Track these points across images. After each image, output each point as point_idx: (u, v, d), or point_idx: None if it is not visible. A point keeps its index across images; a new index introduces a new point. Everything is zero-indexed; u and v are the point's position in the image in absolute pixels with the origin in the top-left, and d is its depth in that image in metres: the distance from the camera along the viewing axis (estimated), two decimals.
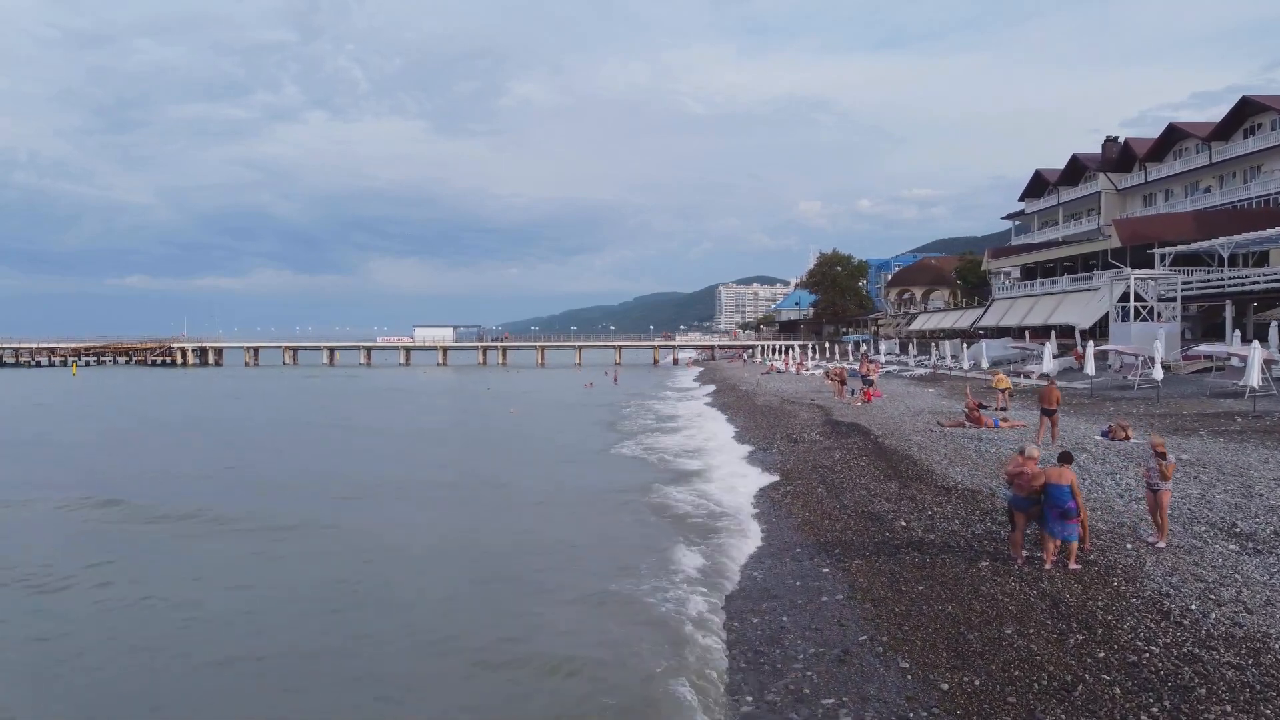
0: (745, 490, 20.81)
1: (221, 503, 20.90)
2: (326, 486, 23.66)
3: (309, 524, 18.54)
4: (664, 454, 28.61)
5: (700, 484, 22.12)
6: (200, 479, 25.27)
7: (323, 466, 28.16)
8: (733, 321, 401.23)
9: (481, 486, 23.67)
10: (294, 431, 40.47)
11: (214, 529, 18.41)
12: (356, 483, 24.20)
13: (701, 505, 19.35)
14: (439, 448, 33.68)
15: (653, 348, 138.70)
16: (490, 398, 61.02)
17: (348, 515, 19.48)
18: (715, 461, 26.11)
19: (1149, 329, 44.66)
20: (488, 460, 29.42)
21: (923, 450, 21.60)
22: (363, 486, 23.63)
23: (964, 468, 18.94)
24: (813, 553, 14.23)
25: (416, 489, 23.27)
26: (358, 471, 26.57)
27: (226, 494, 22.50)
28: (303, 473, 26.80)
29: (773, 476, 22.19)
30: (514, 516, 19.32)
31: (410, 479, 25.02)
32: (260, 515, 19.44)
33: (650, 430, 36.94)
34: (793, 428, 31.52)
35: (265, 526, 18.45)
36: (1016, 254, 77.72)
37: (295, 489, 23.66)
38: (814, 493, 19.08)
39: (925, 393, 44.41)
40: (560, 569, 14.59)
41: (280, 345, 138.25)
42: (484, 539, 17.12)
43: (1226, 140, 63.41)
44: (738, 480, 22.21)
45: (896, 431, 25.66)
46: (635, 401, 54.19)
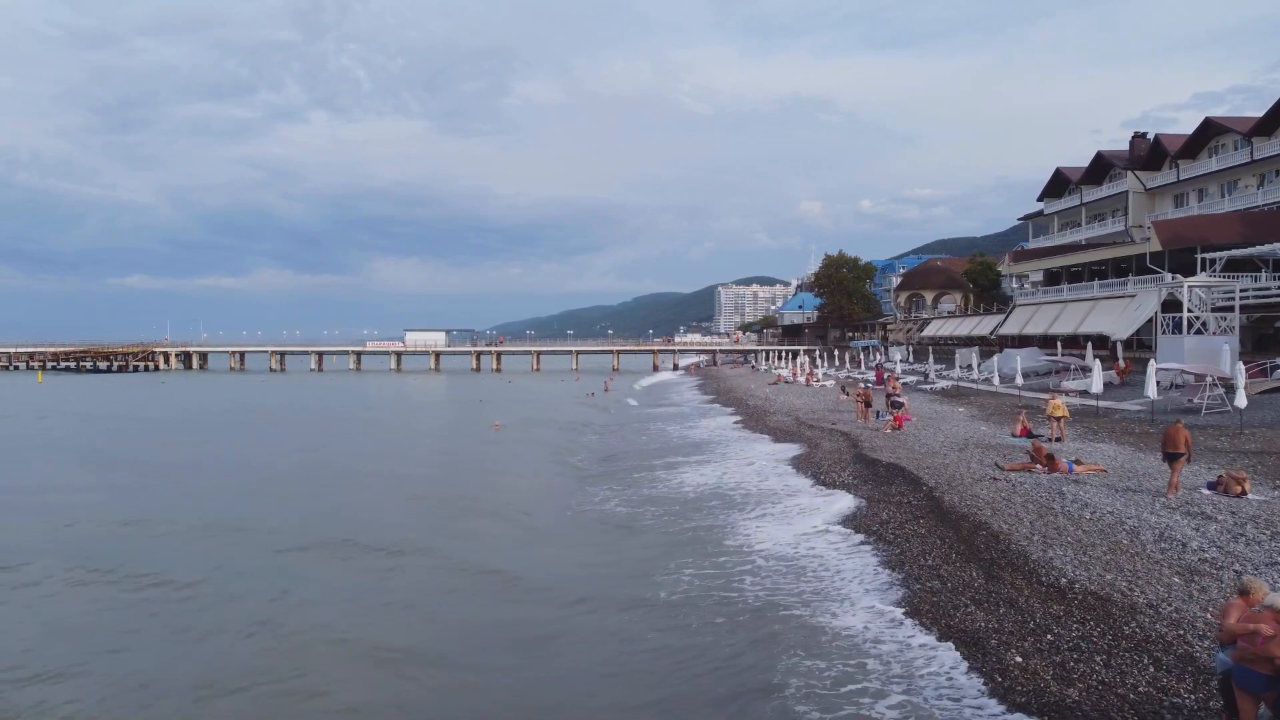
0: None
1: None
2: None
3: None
4: (668, 505, 24.08)
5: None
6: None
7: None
8: (732, 322, 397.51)
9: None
10: (202, 477, 29.43)
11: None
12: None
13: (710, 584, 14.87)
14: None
15: (652, 352, 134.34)
16: (480, 417, 56.52)
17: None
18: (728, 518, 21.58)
19: (1206, 343, 40.17)
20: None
21: (997, 513, 17.07)
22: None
23: (1067, 548, 14.39)
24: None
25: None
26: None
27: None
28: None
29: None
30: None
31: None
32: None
33: (645, 468, 32.39)
34: (818, 463, 27.02)
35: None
36: (1041, 257, 73.21)
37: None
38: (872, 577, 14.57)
39: (956, 413, 39.99)
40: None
41: (266, 349, 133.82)
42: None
43: (1270, 136, 58.93)
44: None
45: (950, 479, 21.12)
46: (635, 424, 49.72)
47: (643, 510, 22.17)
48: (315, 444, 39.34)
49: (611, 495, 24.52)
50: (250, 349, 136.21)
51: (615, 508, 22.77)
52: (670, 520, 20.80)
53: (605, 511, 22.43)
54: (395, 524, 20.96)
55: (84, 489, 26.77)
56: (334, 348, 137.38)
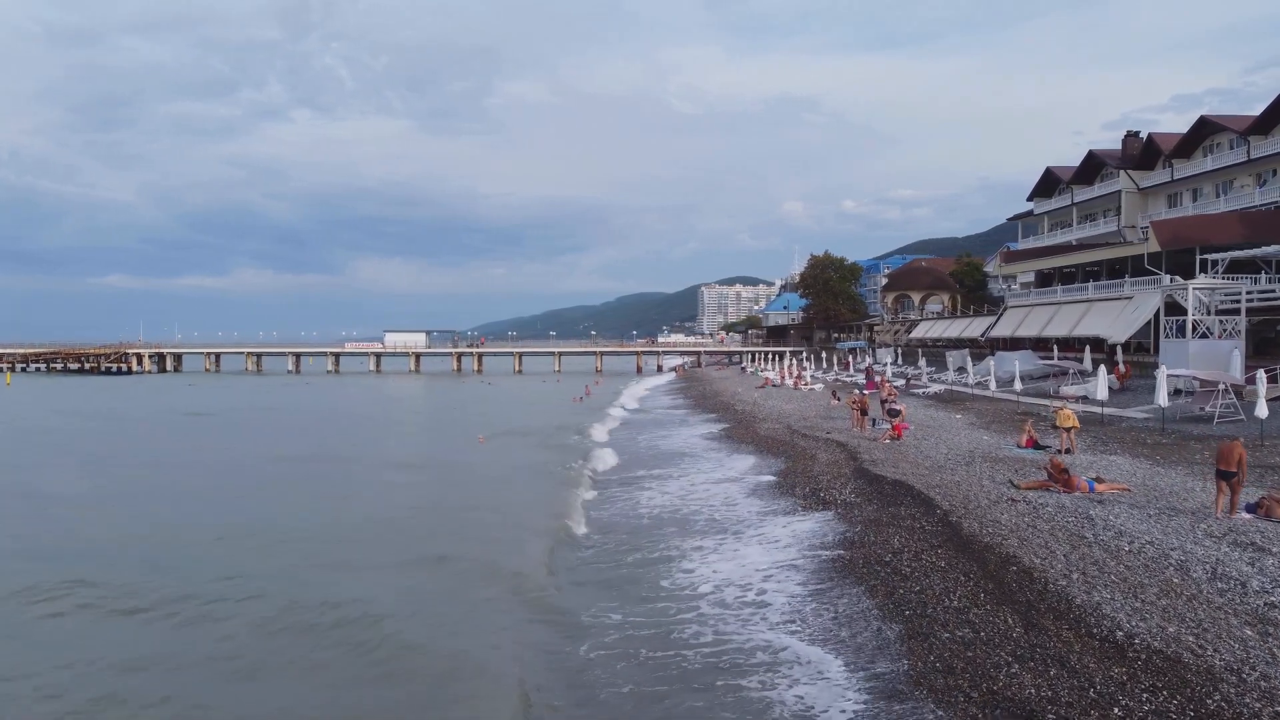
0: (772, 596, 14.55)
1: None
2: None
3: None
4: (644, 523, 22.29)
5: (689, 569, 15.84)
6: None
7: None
8: (715, 322, 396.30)
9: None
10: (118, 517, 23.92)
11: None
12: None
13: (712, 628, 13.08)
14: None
15: (635, 354, 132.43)
16: (461, 426, 54.53)
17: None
18: (714, 540, 19.81)
19: (1212, 347, 38.71)
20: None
21: (1025, 544, 15.34)
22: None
23: (1114, 589, 12.66)
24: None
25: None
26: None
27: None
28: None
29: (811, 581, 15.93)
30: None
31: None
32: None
33: (635, 482, 30.60)
34: (816, 477, 25.28)
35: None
36: (1033, 258, 71.78)
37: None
38: (881, 630, 12.80)
39: (953, 420, 38.40)
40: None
41: (242, 351, 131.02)
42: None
43: (1266, 135, 57.70)
44: (753, 575, 15.95)
45: (965, 500, 19.39)
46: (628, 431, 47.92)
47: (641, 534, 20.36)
48: (268, 474, 32.79)
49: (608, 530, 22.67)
50: (226, 350, 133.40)
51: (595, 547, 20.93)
52: (635, 543, 19.00)
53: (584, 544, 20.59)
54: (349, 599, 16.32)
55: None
56: (312, 349, 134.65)
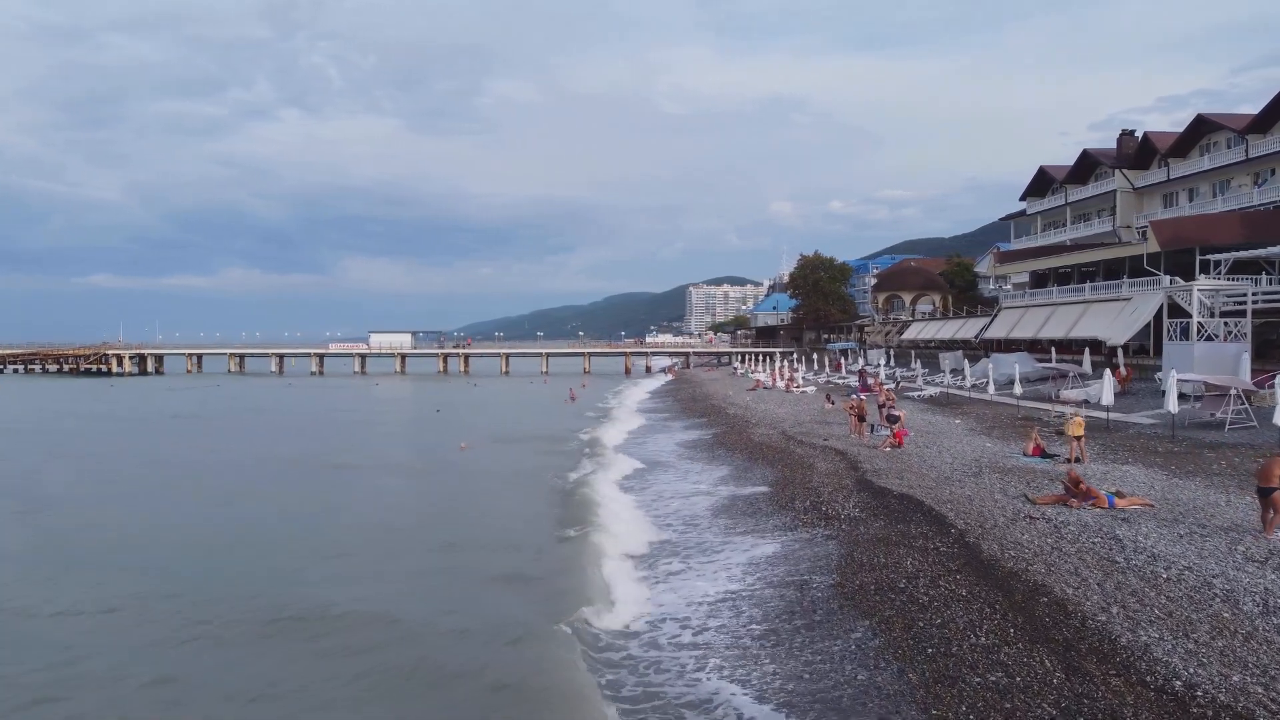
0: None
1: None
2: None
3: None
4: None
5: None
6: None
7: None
8: (703, 322, 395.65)
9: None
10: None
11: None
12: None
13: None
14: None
15: (624, 354, 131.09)
16: (442, 430, 53.12)
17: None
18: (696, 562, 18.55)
19: (1217, 350, 37.73)
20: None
21: (1053, 570, 14.12)
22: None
23: (1160, 626, 11.45)
24: None
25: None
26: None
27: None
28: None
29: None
30: None
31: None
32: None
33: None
34: (816, 489, 24.04)
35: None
36: (1028, 258, 70.74)
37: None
38: (904, 673, 11.54)
39: (952, 425, 37.25)
40: None
41: (224, 352, 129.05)
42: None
43: (1265, 134, 56.85)
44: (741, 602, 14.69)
45: (980, 517, 18.18)
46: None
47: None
48: (236, 484, 31.05)
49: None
50: (208, 351, 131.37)
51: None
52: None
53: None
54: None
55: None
56: (295, 350, 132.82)
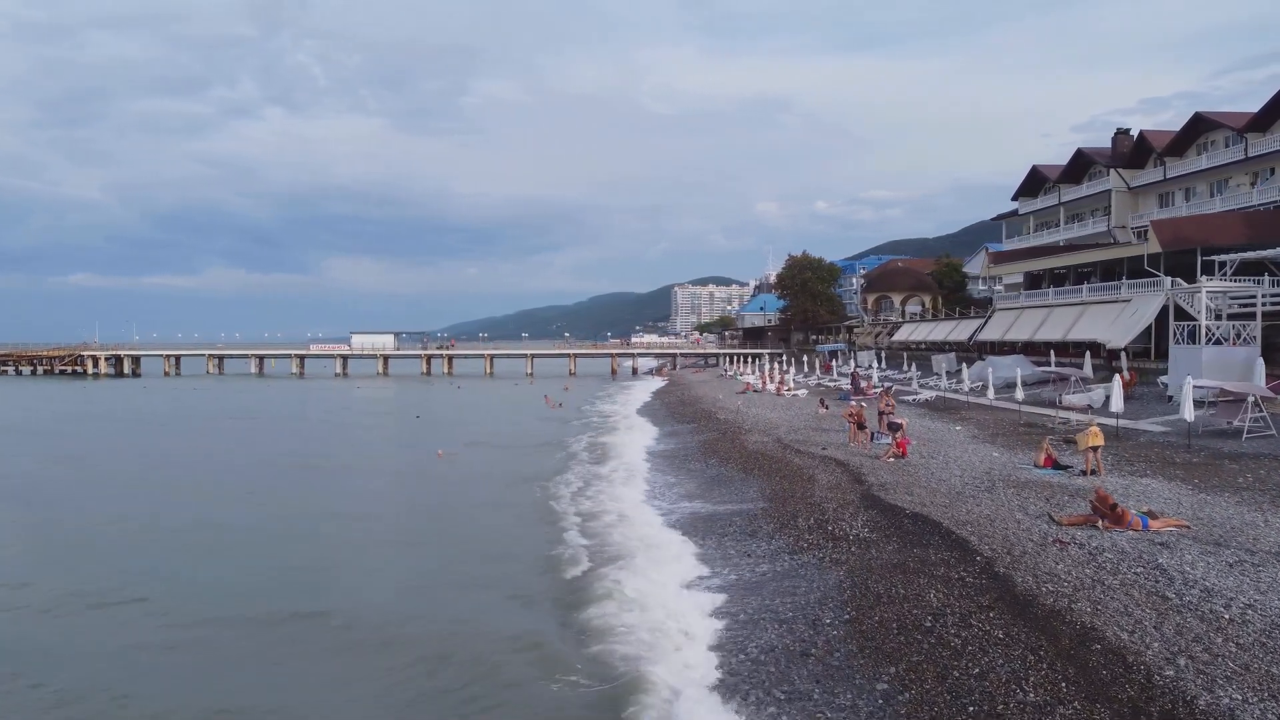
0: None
1: None
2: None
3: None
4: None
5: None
6: None
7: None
8: (688, 323, 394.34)
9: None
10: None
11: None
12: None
13: None
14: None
15: (610, 356, 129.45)
16: (422, 436, 51.38)
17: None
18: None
19: (1227, 354, 36.48)
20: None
21: (1099, 608, 12.60)
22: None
23: (1241, 684, 9.94)
24: None
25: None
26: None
27: None
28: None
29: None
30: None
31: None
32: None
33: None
34: (819, 505, 22.51)
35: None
36: (1023, 259, 69.46)
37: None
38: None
39: (953, 432, 35.83)
40: None
41: (203, 353, 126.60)
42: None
43: (1265, 132, 55.80)
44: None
45: (1004, 540, 16.67)
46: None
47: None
48: (187, 488, 30.31)
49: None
50: (186, 352, 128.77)
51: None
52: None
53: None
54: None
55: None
56: (275, 351, 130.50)
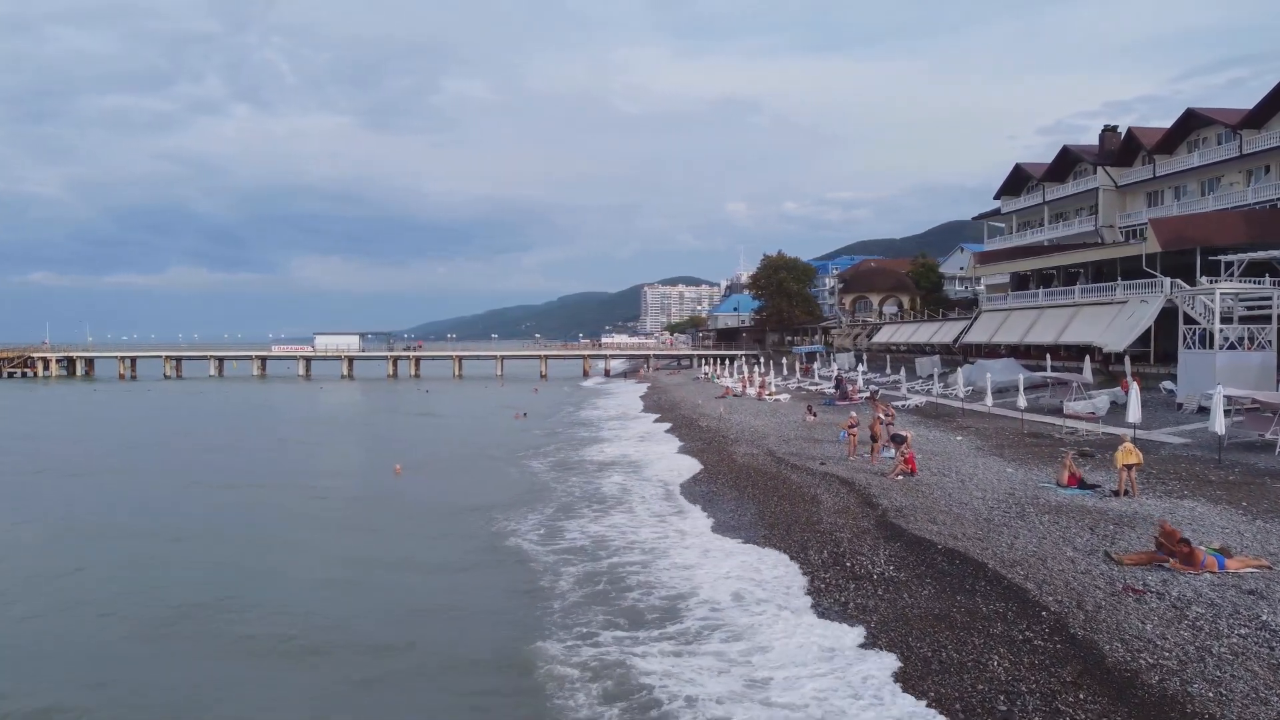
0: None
1: None
2: None
3: None
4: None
5: None
6: None
7: None
8: (658, 322, 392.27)
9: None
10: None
11: None
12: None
13: None
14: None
15: (582, 357, 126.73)
16: (374, 457, 48.27)
17: None
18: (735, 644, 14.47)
19: (1240, 359, 34.56)
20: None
21: (1220, 689, 10.22)
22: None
23: None
24: None
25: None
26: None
27: None
28: None
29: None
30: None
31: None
32: None
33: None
34: (831, 534, 20.06)
35: None
36: (1010, 259, 67.54)
37: None
38: None
39: (955, 443, 33.62)
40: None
41: (160, 354, 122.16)
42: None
43: (1260, 129, 54.25)
44: None
45: (1066, 586, 14.26)
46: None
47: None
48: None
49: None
50: (142, 354, 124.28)
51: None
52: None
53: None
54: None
55: None
56: (236, 352, 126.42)
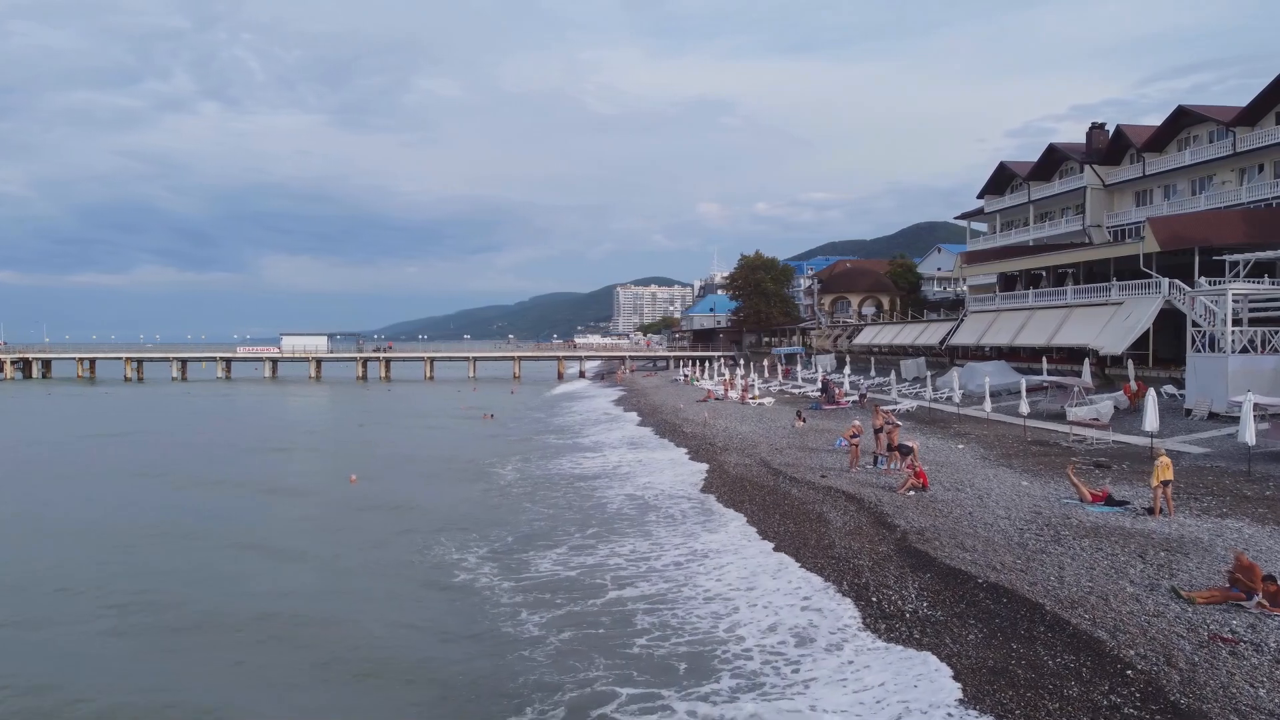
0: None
1: None
2: None
3: None
4: None
5: None
6: None
7: None
8: (631, 323, 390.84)
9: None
10: None
11: None
12: None
13: None
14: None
15: (556, 358, 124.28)
16: (331, 467, 45.89)
17: None
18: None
19: (1254, 364, 33.01)
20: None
21: None
22: None
23: None
24: None
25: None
26: None
27: None
28: None
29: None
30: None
31: None
32: None
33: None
34: (846, 560, 18.05)
35: None
36: (998, 259, 65.87)
37: None
38: None
39: (957, 451, 31.87)
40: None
41: (120, 355, 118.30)
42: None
43: (1254, 126, 53.02)
44: None
45: (1144, 635, 12.30)
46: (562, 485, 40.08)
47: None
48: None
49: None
50: (102, 355, 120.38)
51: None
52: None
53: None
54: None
55: None
56: (200, 354, 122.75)
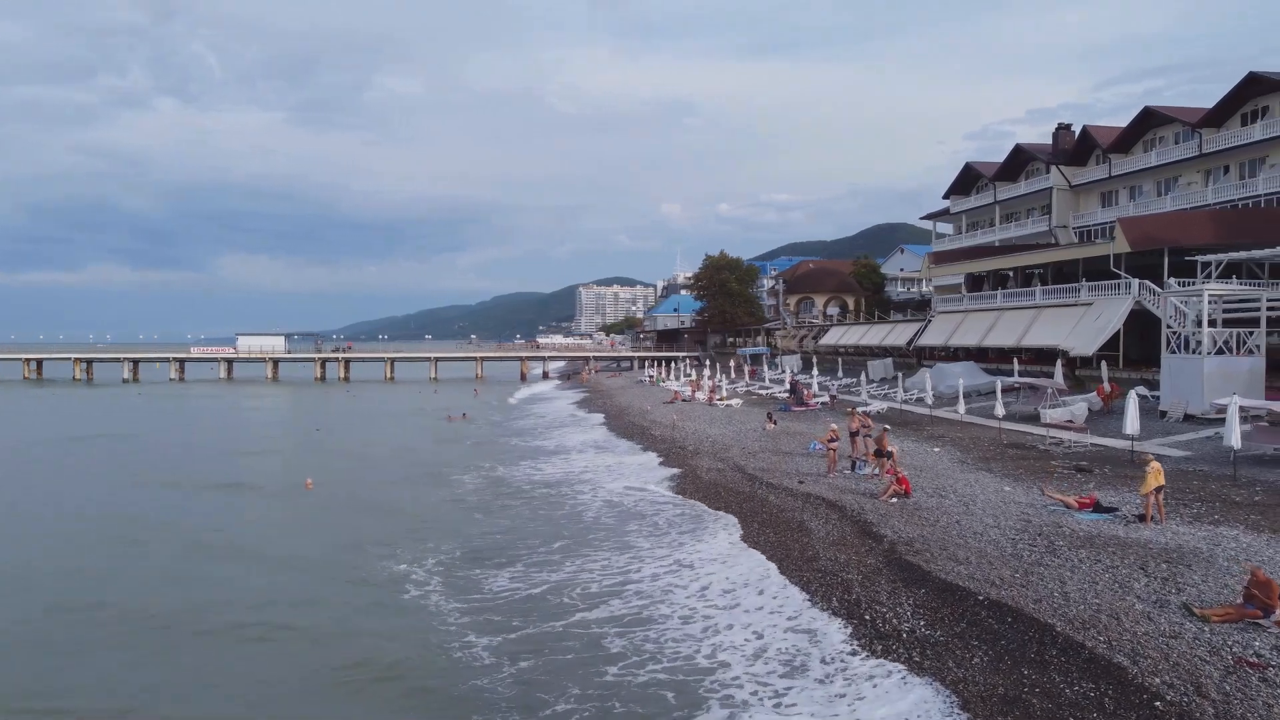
0: None
1: None
2: None
3: None
4: None
5: None
6: None
7: None
8: (593, 323, 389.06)
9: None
10: None
11: None
12: None
13: None
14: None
15: (520, 359, 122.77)
16: (285, 474, 44.39)
17: None
18: None
19: (1230, 365, 32.71)
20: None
21: None
22: None
23: None
24: None
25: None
26: None
27: None
28: None
29: None
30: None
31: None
32: None
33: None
34: (833, 574, 17.13)
35: None
36: (966, 259, 65.59)
37: None
38: None
39: (934, 455, 31.22)
40: None
41: (69, 356, 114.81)
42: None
43: (1219, 128, 53.19)
44: None
45: (1166, 661, 11.47)
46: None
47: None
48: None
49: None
50: (49, 356, 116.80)
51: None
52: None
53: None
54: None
55: None
56: (152, 354, 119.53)
